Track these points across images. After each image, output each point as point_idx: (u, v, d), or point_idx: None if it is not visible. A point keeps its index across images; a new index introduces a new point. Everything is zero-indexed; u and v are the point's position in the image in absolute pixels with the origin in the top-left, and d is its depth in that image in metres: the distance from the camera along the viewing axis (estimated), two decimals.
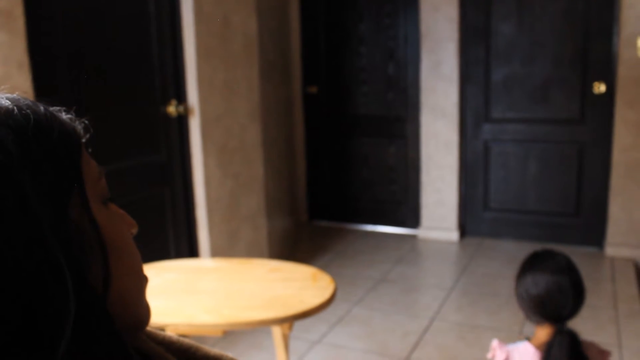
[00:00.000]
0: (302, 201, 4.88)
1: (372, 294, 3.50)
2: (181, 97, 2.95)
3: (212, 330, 1.59)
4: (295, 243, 4.38)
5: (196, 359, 0.71)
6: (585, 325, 2.93)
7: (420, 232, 4.49)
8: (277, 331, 1.74)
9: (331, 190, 4.84)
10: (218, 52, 3.05)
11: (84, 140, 0.58)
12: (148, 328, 0.67)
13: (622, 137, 3.88)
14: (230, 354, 0.74)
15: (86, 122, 0.60)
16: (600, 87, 3.98)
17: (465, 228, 4.49)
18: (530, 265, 1.75)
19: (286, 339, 1.77)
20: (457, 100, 4.25)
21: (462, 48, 4.25)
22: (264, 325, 1.61)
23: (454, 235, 4.39)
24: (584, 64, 4.01)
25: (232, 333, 3.05)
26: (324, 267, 3.88)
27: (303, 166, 4.84)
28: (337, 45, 4.62)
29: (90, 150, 0.60)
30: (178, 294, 1.80)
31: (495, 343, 1.78)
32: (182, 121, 2.97)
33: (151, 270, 1.98)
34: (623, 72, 3.81)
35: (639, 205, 3.88)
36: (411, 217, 4.59)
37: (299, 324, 3.10)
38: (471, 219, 4.46)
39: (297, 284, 1.81)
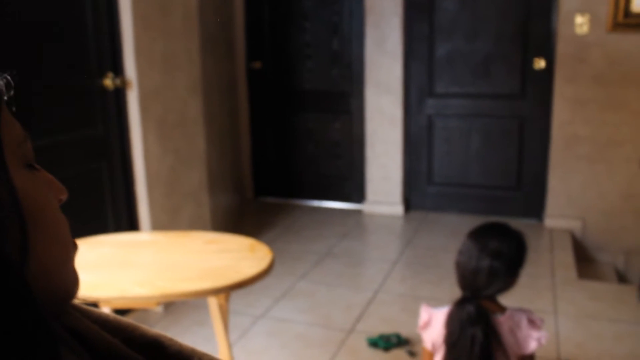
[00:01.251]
0: (248, 178, 4.84)
1: (317, 268, 3.51)
2: (118, 70, 2.86)
3: (146, 302, 1.55)
4: (240, 219, 4.35)
5: (133, 338, 0.66)
6: (524, 293, 3.01)
7: (365, 207, 4.52)
8: (213, 302, 1.71)
9: (276, 167, 4.81)
10: (157, 23, 2.97)
11: (5, 97, 0.53)
12: (83, 306, 0.64)
13: (561, 112, 3.96)
14: (169, 335, 0.70)
15: (8, 77, 0.54)
16: (540, 63, 4.05)
17: (409, 202, 4.54)
18: (475, 232, 1.76)
19: (224, 311, 1.75)
20: (401, 76, 4.26)
21: (406, 23, 4.26)
22: (199, 296, 1.59)
23: (398, 209, 4.43)
24: (524, 40, 4.07)
25: (174, 310, 3.01)
26: (270, 243, 3.85)
27: (248, 142, 4.79)
28: (281, 20, 4.57)
29: (13, 109, 0.54)
30: (112, 268, 1.75)
31: (422, 306, 1.80)
32: (119, 94, 2.89)
33: (85, 245, 1.93)
34: (562, 48, 3.89)
35: (576, 178, 3.99)
36: (356, 192, 4.61)
37: (242, 299, 3.08)
38: (415, 194, 4.51)
39: (234, 255, 1.79)
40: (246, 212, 4.61)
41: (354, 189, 4.62)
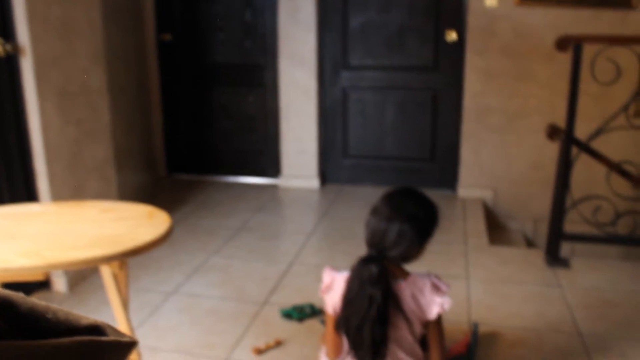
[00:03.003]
0: (160, 154, 4.67)
1: (230, 243, 3.43)
2: (9, 35, 2.66)
3: (31, 274, 1.44)
4: (151, 197, 4.19)
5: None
6: (439, 259, 3.06)
7: (281, 181, 4.46)
8: (106, 271, 1.61)
9: (190, 142, 4.67)
10: None
11: None
12: None
13: (472, 84, 4.02)
14: (44, 302, 0.63)
15: None
16: (452, 36, 4.09)
17: (325, 175, 4.51)
18: (392, 194, 1.72)
19: (120, 281, 1.65)
20: (315, 47, 4.20)
21: None
22: (90, 264, 1.48)
23: (314, 182, 4.40)
24: (437, 12, 4.09)
25: (80, 291, 2.88)
26: (182, 220, 3.75)
27: (159, 117, 4.62)
28: None
29: None
30: None
31: (325, 269, 1.76)
32: (11, 62, 2.69)
33: None
34: (472, 21, 3.94)
35: (487, 149, 4.07)
36: (272, 167, 4.54)
37: (153, 276, 2.98)
38: (331, 166, 4.49)
39: (131, 223, 1.68)
40: (158, 190, 4.45)
41: (270, 164, 4.55)
